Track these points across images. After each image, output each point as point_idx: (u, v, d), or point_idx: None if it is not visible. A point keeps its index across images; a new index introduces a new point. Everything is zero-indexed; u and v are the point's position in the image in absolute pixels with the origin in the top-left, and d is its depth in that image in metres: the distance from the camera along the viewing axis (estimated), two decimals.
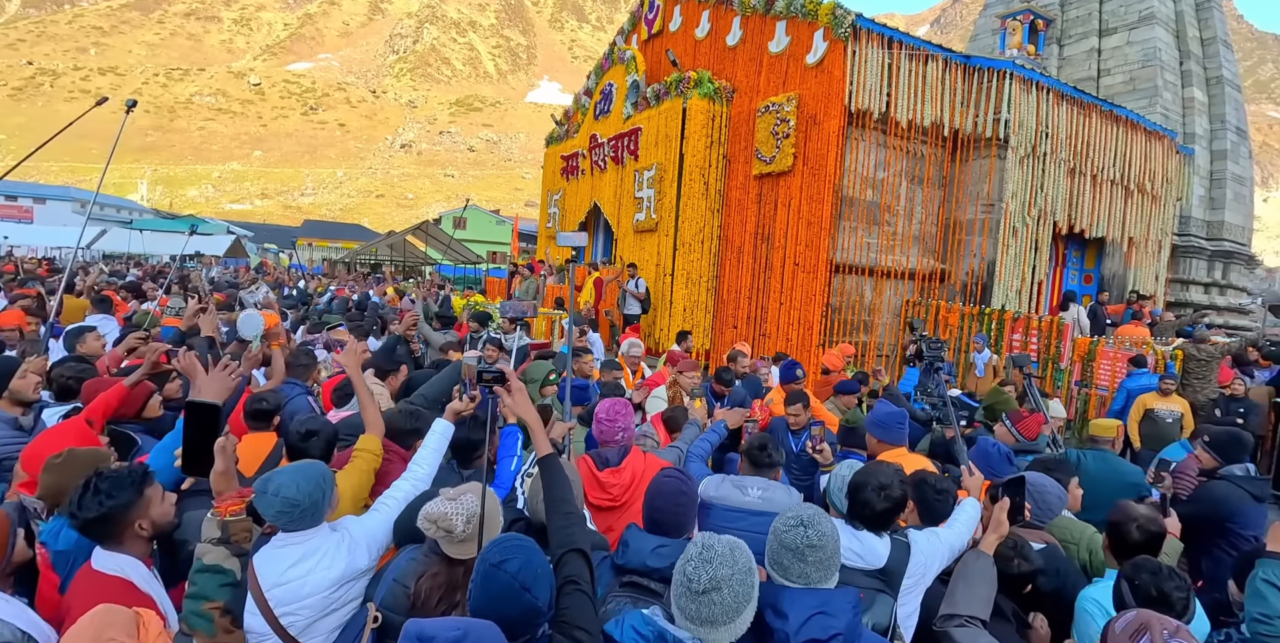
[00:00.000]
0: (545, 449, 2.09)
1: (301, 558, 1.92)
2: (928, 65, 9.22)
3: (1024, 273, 9.94)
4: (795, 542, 1.78)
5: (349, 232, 52.72)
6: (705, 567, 1.54)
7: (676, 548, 1.93)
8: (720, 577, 1.52)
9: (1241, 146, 16.99)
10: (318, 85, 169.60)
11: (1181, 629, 1.69)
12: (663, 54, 12.01)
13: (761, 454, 3.12)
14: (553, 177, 15.53)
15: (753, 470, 3.11)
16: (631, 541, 2.05)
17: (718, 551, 1.57)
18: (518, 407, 2.16)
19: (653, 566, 1.93)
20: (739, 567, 1.56)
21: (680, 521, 2.13)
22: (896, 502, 2.35)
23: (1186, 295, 15.34)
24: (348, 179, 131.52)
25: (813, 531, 1.78)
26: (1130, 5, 16.66)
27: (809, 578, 1.76)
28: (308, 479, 1.92)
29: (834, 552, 1.80)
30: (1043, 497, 2.83)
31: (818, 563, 1.76)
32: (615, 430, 3.04)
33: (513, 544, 1.60)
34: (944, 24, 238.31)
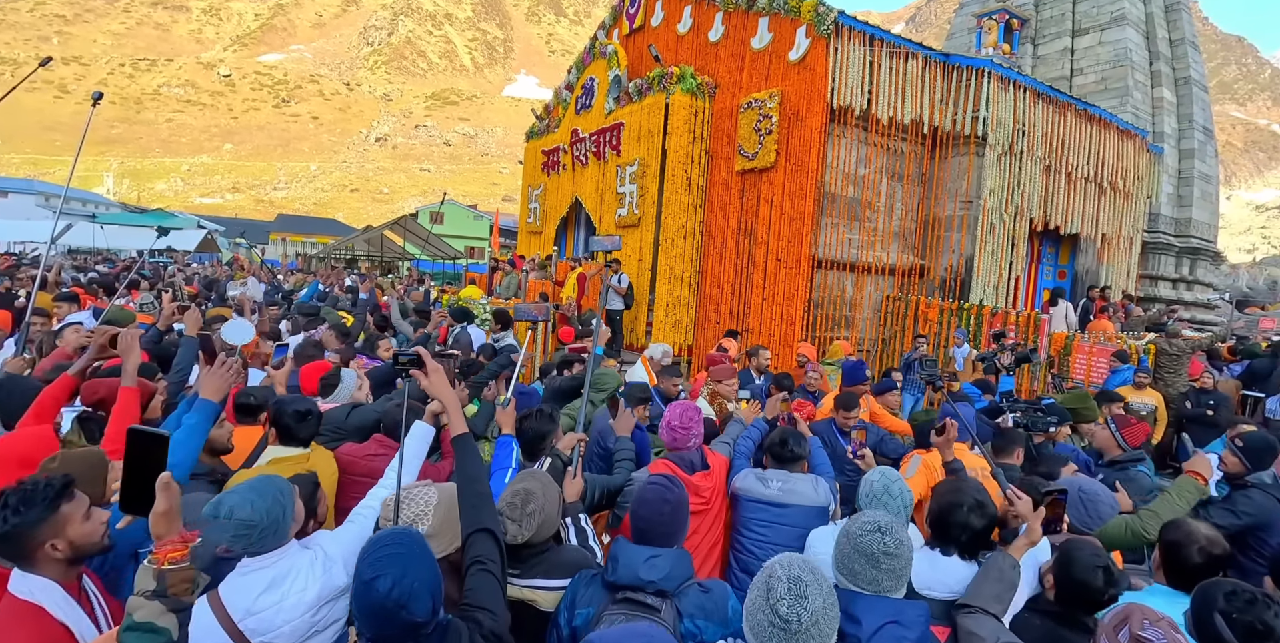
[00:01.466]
0: (459, 429, 2.03)
1: (273, 583, 1.77)
2: (908, 63, 9.30)
3: (1001, 269, 10.10)
4: (872, 548, 1.74)
5: (323, 226, 51.98)
6: (801, 603, 1.44)
7: (669, 559, 1.90)
8: (817, 610, 1.44)
9: (1208, 146, 17.40)
10: (290, 77, 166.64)
11: (1164, 620, 1.69)
12: (644, 49, 11.98)
13: (783, 449, 3.09)
14: (533, 171, 15.44)
15: (775, 464, 3.10)
16: (621, 555, 1.95)
17: (806, 581, 1.47)
18: (435, 388, 2.12)
19: (647, 578, 1.86)
20: (826, 590, 1.49)
21: (667, 530, 2.04)
22: (992, 519, 2.21)
23: (1155, 291, 15.70)
24: (321, 173, 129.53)
25: (890, 538, 1.75)
26: (1102, 6, 16.96)
27: (879, 585, 1.73)
28: (262, 497, 1.78)
29: (909, 561, 1.77)
30: (1094, 504, 2.68)
31: (891, 572, 1.73)
32: (689, 437, 3.03)
33: (386, 555, 1.47)
34: (919, 22, 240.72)
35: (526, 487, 2.10)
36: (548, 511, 2.09)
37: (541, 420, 3.00)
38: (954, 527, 2.17)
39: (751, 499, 2.98)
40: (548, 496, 2.12)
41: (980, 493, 2.22)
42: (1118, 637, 1.68)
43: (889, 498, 2.37)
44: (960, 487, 2.28)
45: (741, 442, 3.48)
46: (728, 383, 4.98)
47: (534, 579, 2.09)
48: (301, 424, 2.91)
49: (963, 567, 2.14)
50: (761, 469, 3.10)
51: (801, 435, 3.21)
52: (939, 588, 2.11)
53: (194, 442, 2.41)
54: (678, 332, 10.28)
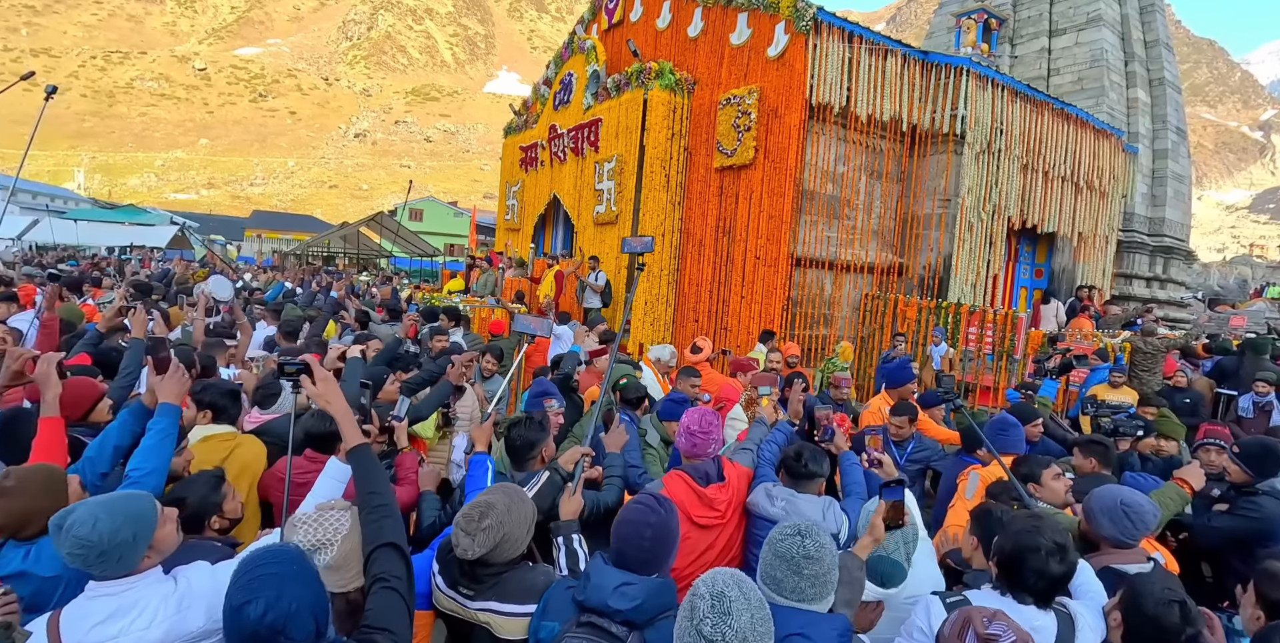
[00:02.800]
0: (353, 441, 1.88)
1: (113, 614, 1.58)
2: (887, 60, 9.26)
3: (979, 267, 10.11)
4: (791, 552, 1.70)
5: (300, 223, 51.31)
6: (725, 620, 1.37)
7: (644, 588, 1.74)
8: (744, 627, 1.37)
9: (1181, 146, 17.61)
10: (267, 71, 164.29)
11: (999, 613, 1.66)
12: (623, 44, 11.84)
13: (798, 464, 2.81)
14: (511, 168, 15.25)
15: (791, 482, 2.83)
16: (594, 575, 1.81)
17: (730, 597, 1.40)
18: (325, 396, 1.94)
19: (614, 606, 1.71)
20: (755, 605, 1.42)
21: (646, 556, 1.84)
22: (1073, 566, 1.96)
23: (1130, 289, 15.85)
24: (299, 169, 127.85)
25: (810, 541, 1.71)
26: (1079, 7, 17.09)
27: (803, 593, 1.68)
28: (110, 516, 1.60)
29: (831, 566, 1.71)
30: (1139, 514, 2.49)
31: (814, 577, 1.68)
32: (709, 442, 2.84)
33: (259, 577, 1.34)
34: (899, 22, 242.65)
35: (488, 499, 1.96)
36: (510, 528, 1.92)
37: (530, 429, 2.86)
38: (1029, 574, 1.92)
39: (758, 515, 2.79)
40: (513, 512, 1.95)
41: (1059, 534, 1.98)
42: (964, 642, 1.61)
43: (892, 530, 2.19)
44: (1038, 527, 2.00)
45: (766, 448, 3.23)
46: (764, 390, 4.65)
47: (488, 602, 1.94)
48: (233, 403, 3.09)
49: (1039, 616, 1.92)
50: (772, 486, 2.89)
51: (820, 452, 2.94)
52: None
53: (167, 449, 2.35)
54: (656, 330, 10.17)
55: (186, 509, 2.14)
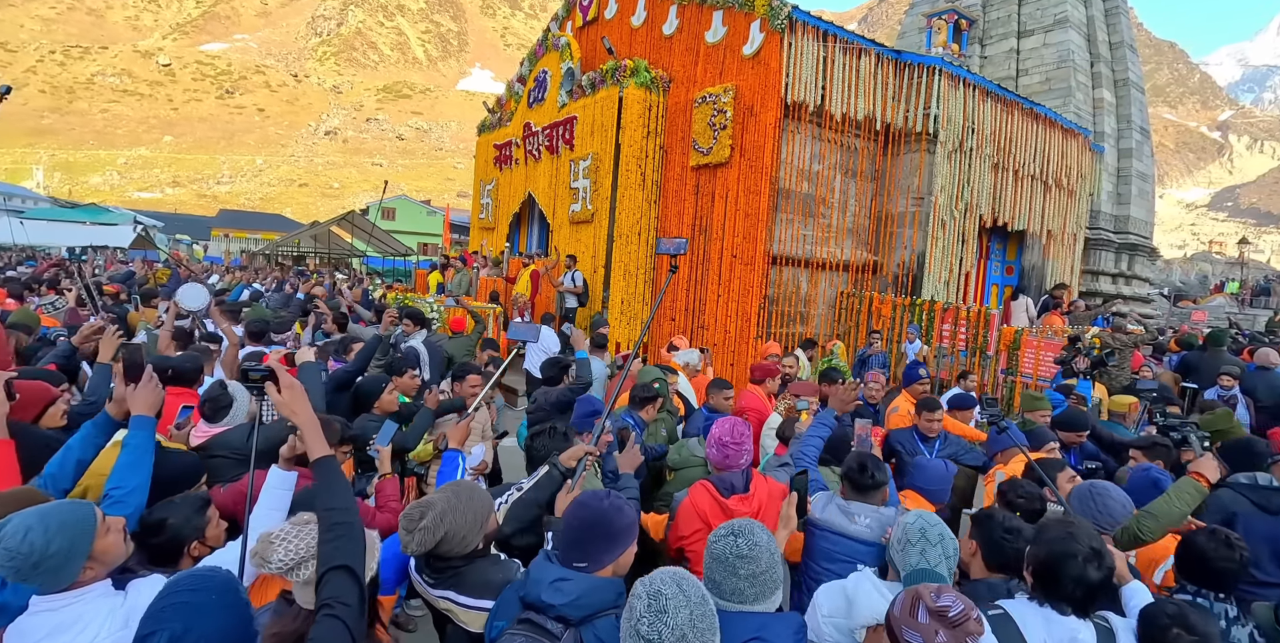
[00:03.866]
0: (318, 452, 1.78)
1: (54, 630, 1.51)
2: (861, 60, 9.31)
3: (952, 264, 10.22)
4: (725, 552, 1.67)
5: (269, 222, 50.36)
6: (661, 619, 1.37)
7: (580, 584, 1.73)
8: (682, 623, 1.36)
9: (1145, 146, 18.02)
10: (234, 67, 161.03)
11: (945, 587, 1.67)
12: (598, 41, 11.77)
13: (863, 476, 2.71)
14: (485, 166, 15.10)
15: (854, 494, 2.75)
16: (533, 571, 1.81)
17: (667, 594, 1.39)
18: (290, 405, 1.84)
19: (548, 601, 1.70)
20: (694, 602, 1.41)
21: (584, 546, 1.82)
22: (1111, 570, 1.96)
23: (1097, 285, 16.19)
24: (268, 167, 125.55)
25: (744, 540, 1.68)
26: (1046, 9, 17.39)
27: (743, 595, 1.66)
28: (45, 526, 1.53)
29: (770, 565, 1.67)
30: (1104, 500, 2.60)
31: (751, 577, 1.65)
32: (740, 453, 2.80)
33: (170, 606, 1.28)
34: (871, 22, 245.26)
35: (431, 499, 1.98)
36: (452, 527, 1.91)
37: (555, 440, 2.85)
38: (1067, 581, 1.90)
39: (835, 532, 2.69)
40: (458, 508, 1.94)
41: (1095, 539, 1.97)
42: (918, 620, 1.60)
43: (927, 544, 2.04)
44: (1073, 533, 1.99)
45: (806, 447, 3.12)
46: (807, 399, 4.54)
47: (447, 591, 1.99)
48: None
49: (1081, 628, 1.89)
50: (843, 500, 2.77)
51: (881, 461, 2.86)
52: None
53: (147, 463, 2.21)
54: (633, 329, 10.13)
55: (166, 533, 2.02)
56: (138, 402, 2.28)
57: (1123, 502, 2.67)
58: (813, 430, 3.22)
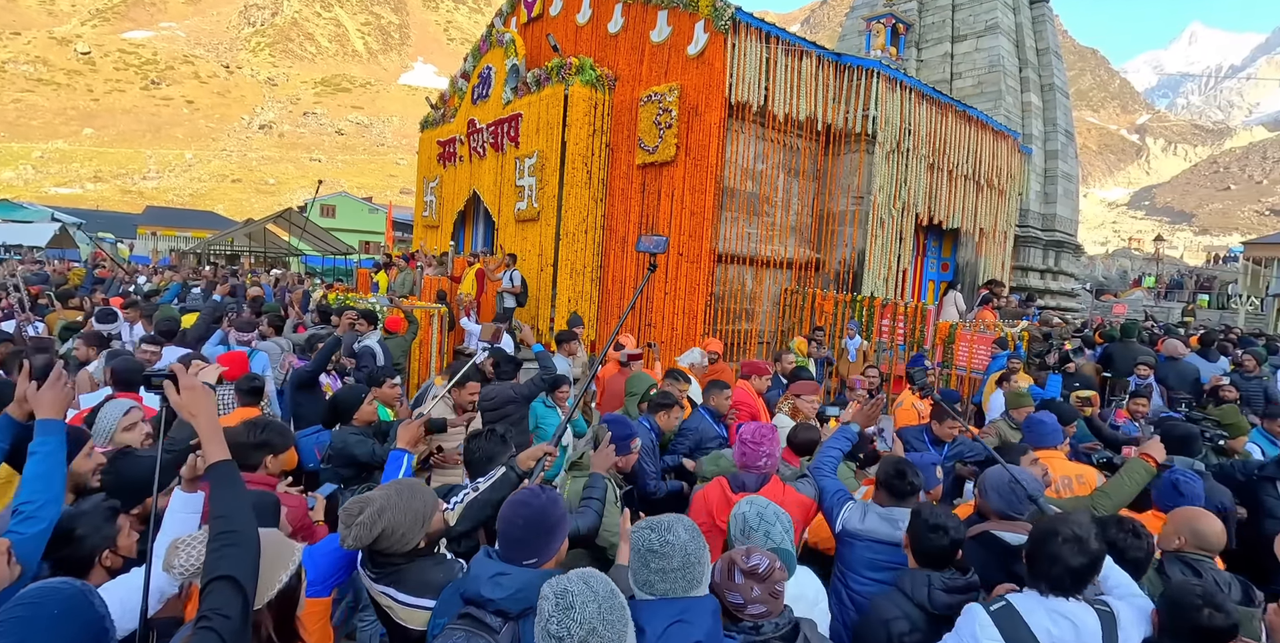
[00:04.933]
0: (215, 456, 1.68)
1: None
2: (802, 61, 9.51)
3: (890, 261, 10.54)
4: (638, 544, 1.71)
5: (200, 219, 48.26)
6: (568, 615, 1.38)
7: (518, 578, 1.75)
8: (590, 617, 1.38)
9: (1069, 147, 18.91)
10: (160, 57, 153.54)
11: (753, 549, 1.87)
12: (543, 38, 11.69)
13: (901, 482, 2.75)
14: (429, 163, 14.82)
15: (892, 501, 2.75)
16: (473, 566, 1.83)
17: (573, 592, 1.41)
18: (189, 407, 1.74)
19: (487, 596, 1.71)
20: (602, 596, 1.42)
21: (520, 542, 1.84)
22: (1095, 557, 2.02)
23: (1026, 281, 16.92)
24: (198, 162, 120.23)
25: (657, 535, 1.70)
26: (978, 15, 18.05)
27: (654, 588, 1.69)
28: None
29: (684, 564, 1.68)
30: (1018, 490, 2.73)
31: (662, 572, 1.67)
32: (759, 455, 2.84)
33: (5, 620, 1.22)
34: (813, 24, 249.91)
35: (370, 495, 1.99)
36: (390, 524, 1.92)
37: (492, 442, 2.79)
38: (1054, 565, 1.99)
39: (879, 541, 2.69)
40: (398, 506, 1.95)
41: (1082, 528, 2.03)
42: (735, 581, 1.79)
43: (767, 525, 2.17)
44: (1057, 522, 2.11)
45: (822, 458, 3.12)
46: (808, 399, 4.58)
47: (387, 588, 2.01)
48: None
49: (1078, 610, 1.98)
50: (882, 508, 2.77)
51: (916, 466, 2.88)
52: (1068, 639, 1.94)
53: (60, 474, 2.00)
54: (584, 328, 10.11)
55: (74, 544, 1.89)
56: (43, 403, 2.03)
57: (1030, 483, 2.83)
58: (833, 442, 3.21)
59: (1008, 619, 1.96)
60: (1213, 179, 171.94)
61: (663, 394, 4.12)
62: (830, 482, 2.96)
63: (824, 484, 2.95)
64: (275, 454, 2.88)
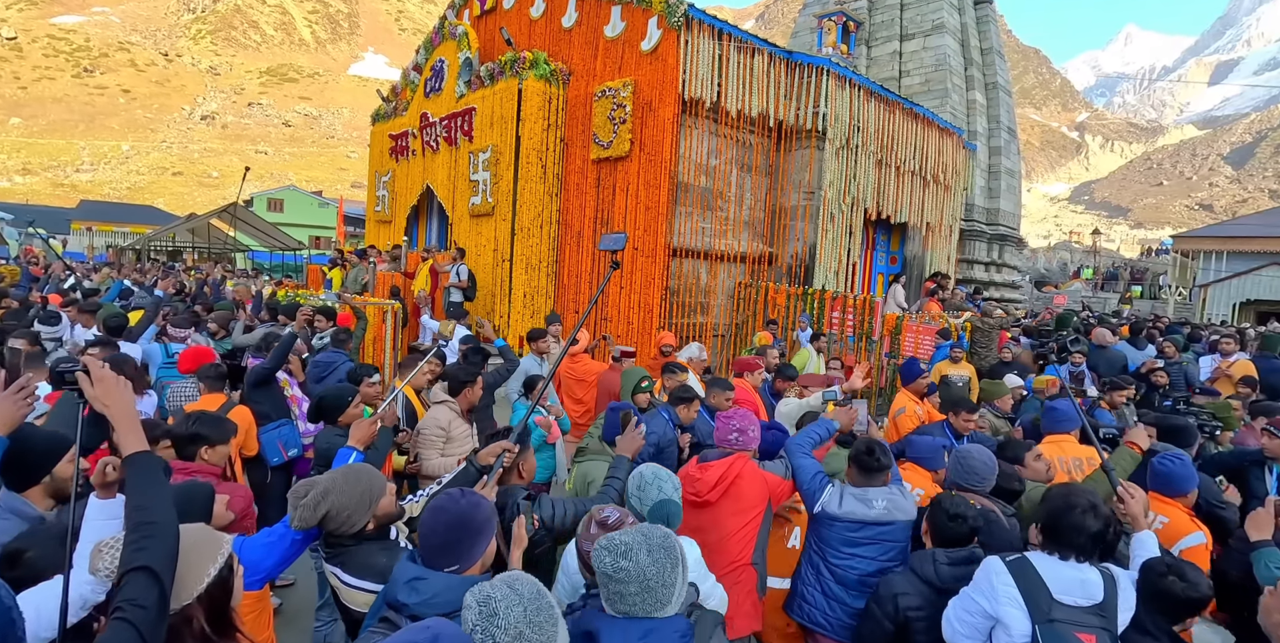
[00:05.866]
0: (133, 447, 1.65)
1: None
2: (755, 58, 9.65)
3: (840, 255, 10.80)
4: (596, 565, 1.68)
5: (139, 214, 46.36)
6: (492, 623, 1.35)
7: (435, 583, 1.73)
8: (515, 621, 1.35)
9: (1012, 144, 19.58)
10: (93, 44, 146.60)
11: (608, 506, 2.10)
12: (496, 32, 11.61)
13: (870, 459, 2.95)
14: (380, 157, 14.58)
15: (862, 478, 2.97)
16: (395, 570, 1.82)
17: (496, 597, 1.38)
18: (102, 399, 1.69)
19: (403, 600, 1.69)
20: (527, 596, 1.40)
21: (441, 546, 1.81)
22: (1107, 520, 2.20)
23: (971, 273, 17.50)
24: (136, 153, 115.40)
25: (611, 558, 1.65)
26: (925, 14, 18.51)
27: (615, 607, 1.67)
28: None
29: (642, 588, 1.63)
30: (968, 463, 3.01)
31: (620, 595, 1.64)
32: (729, 429, 2.95)
33: None
34: (767, 20, 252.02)
35: (318, 477, 2.10)
36: (335, 506, 2.02)
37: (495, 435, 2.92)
38: (1069, 530, 2.16)
39: (856, 521, 2.91)
40: (343, 488, 2.04)
41: (1093, 495, 2.24)
42: (590, 531, 2.00)
43: (660, 482, 2.35)
44: (1071, 492, 2.29)
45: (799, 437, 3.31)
46: (815, 392, 4.71)
47: (334, 567, 2.11)
48: None
49: (1087, 570, 2.15)
50: (856, 488, 2.97)
51: (886, 445, 3.10)
52: (1075, 593, 2.11)
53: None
54: (536, 323, 10.11)
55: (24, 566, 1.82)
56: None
57: (985, 461, 3.07)
58: (814, 428, 3.37)
59: (1021, 569, 2.16)
60: (1147, 175, 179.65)
61: (684, 388, 4.17)
62: (808, 462, 3.12)
63: (801, 463, 3.11)
64: (211, 446, 2.90)
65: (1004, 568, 2.17)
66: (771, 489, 3.04)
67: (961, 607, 2.25)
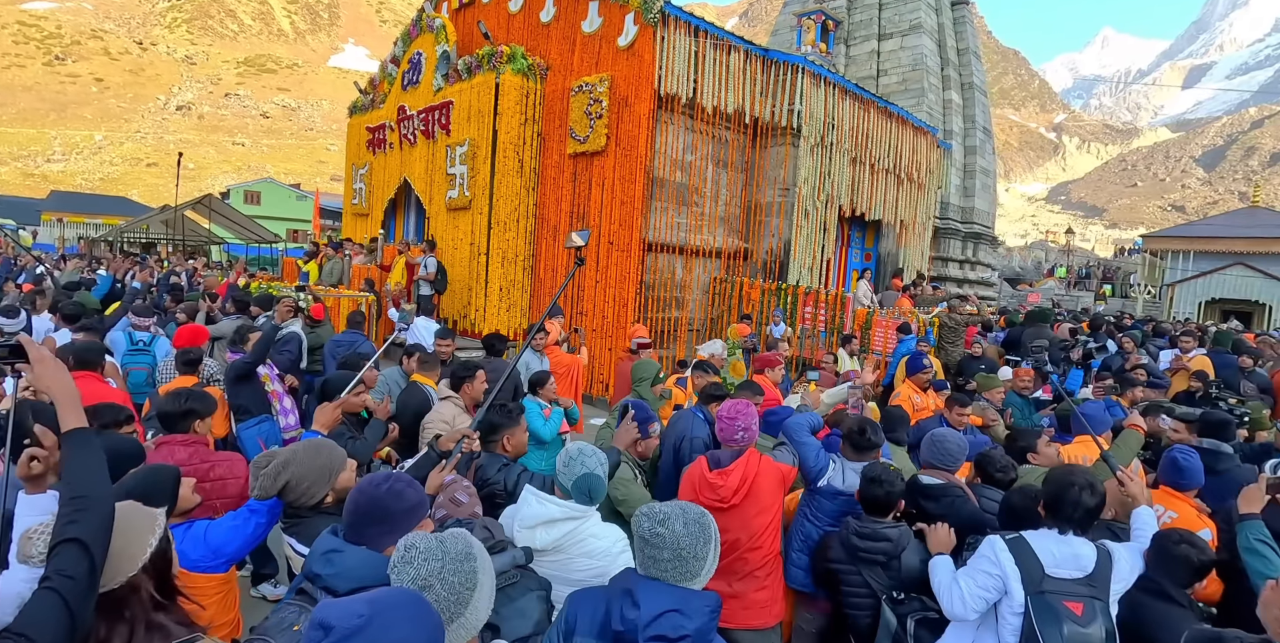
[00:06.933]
0: (71, 424, 1.64)
1: None
2: (731, 55, 9.75)
3: (815, 251, 10.95)
4: (637, 531, 1.76)
5: (111, 205, 45.45)
6: (408, 568, 1.39)
7: (350, 557, 1.74)
8: (427, 574, 1.39)
9: (987, 144, 19.86)
10: (65, 31, 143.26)
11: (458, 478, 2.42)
12: (474, 25, 11.59)
13: (862, 438, 3.20)
14: (358, 149, 14.49)
15: (855, 454, 3.21)
16: (315, 541, 1.84)
17: (420, 548, 1.42)
18: (42, 378, 1.70)
19: (316, 571, 1.71)
20: (450, 557, 1.42)
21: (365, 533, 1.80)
22: (1101, 497, 2.43)
23: (946, 271, 17.75)
24: (109, 144, 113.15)
25: (650, 524, 1.74)
26: (903, 14, 18.70)
27: (647, 569, 1.75)
28: None
29: (677, 557, 1.71)
30: (943, 445, 3.18)
31: (654, 560, 1.72)
32: (735, 429, 2.98)
33: None
34: (751, 17, 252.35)
35: (278, 450, 2.21)
36: (297, 474, 2.14)
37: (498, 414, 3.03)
38: (1068, 506, 2.37)
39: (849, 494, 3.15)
40: (302, 460, 2.16)
41: (1091, 475, 2.47)
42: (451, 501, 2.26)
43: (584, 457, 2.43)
44: (1072, 469, 2.56)
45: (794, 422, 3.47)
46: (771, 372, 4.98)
47: (291, 538, 2.20)
48: None
49: (1080, 544, 2.35)
50: (853, 463, 3.21)
51: (877, 424, 3.33)
52: (1068, 566, 2.30)
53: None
54: (513, 316, 10.17)
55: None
56: None
57: (958, 443, 3.23)
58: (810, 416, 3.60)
59: (1018, 546, 2.35)
60: (1121, 176, 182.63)
61: (714, 386, 4.23)
62: (811, 440, 3.34)
63: (805, 441, 3.31)
64: (201, 419, 3.13)
65: (1005, 546, 2.37)
66: (784, 478, 3.18)
67: (975, 583, 2.40)
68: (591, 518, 2.38)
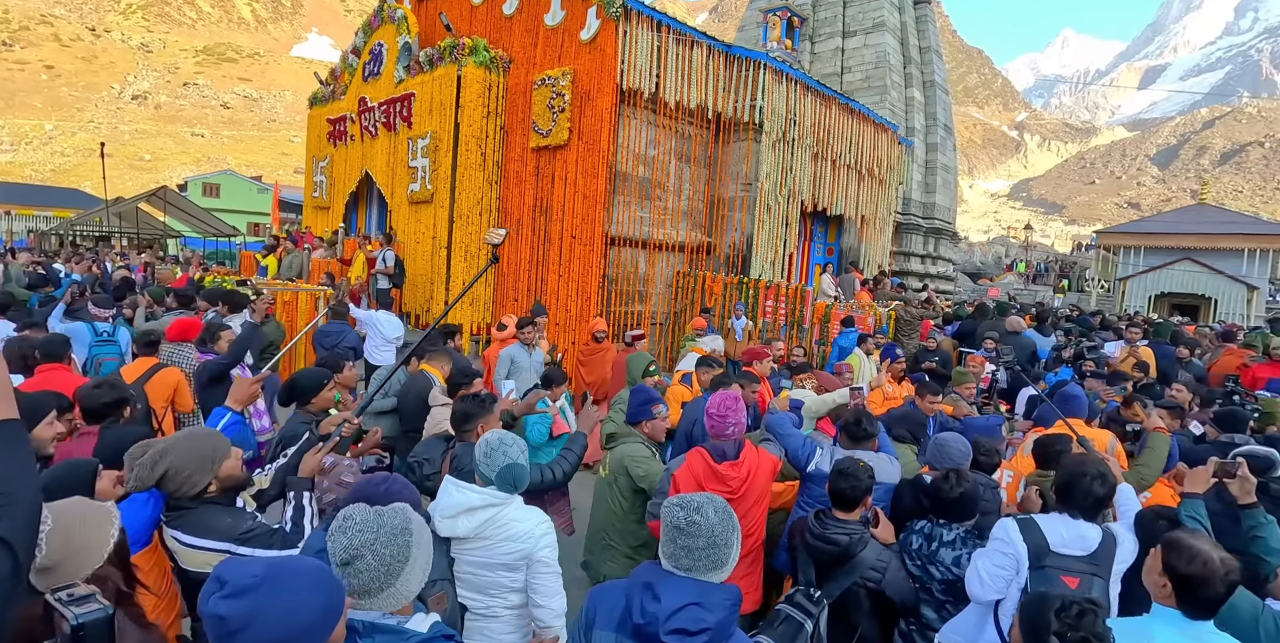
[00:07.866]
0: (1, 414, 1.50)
1: None
2: (693, 50, 9.79)
3: (777, 246, 11.09)
4: (668, 521, 1.76)
5: (63, 197, 43.98)
6: (342, 537, 1.47)
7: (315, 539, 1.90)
8: (359, 544, 1.45)
9: (948, 141, 20.24)
10: (12, 16, 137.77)
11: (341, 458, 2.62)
12: (436, 17, 11.45)
13: (858, 428, 3.35)
14: (318, 141, 14.25)
15: (850, 444, 3.35)
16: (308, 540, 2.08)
17: (356, 519, 1.50)
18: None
19: None
20: (385, 530, 1.49)
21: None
22: (1111, 486, 2.56)
23: (908, 265, 18.10)
24: (60, 134, 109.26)
25: (684, 513, 1.74)
26: (867, 12, 18.95)
27: (677, 561, 1.73)
28: None
29: (710, 544, 1.71)
30: (944, 449, 3.27)
31: (687, 550, 1.72)
32: (726, 425, 3.04)
33: None
34: (721, 13, 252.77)
35: (155, 440, 2.19)
36: (175, 463, 2.09)
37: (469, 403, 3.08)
38: (1080, 493, 2.51)
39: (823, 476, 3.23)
40: (179, 449, 2.12)
41: (1103, 466, 2.61)
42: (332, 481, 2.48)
43: (504, 446, 2.45)
44: (1085, 460, 2.69)
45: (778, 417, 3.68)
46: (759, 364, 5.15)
47: (175, 531, 2.15)
48: None
49: (1087, 527, 2.50)
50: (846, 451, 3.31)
51: (873, 415, 3.44)
52: (1074, 546, 2.45)
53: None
54: (475, 310, 10.13)
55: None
56: None
57: (960, 448, 3.33)
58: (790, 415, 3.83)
59: (1027, 527, 2.51)
60: (1080, 174, 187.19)
61: (722, 377, 4.39)
62: (794, 431, 3.56)
63: (789, 432, 3.53)
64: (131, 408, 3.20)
65: (1016, 526, 2.53)
66: (775, 468, 3.32)
67: (992, 563, 2.51)
68: (513, 503, 2.41)
